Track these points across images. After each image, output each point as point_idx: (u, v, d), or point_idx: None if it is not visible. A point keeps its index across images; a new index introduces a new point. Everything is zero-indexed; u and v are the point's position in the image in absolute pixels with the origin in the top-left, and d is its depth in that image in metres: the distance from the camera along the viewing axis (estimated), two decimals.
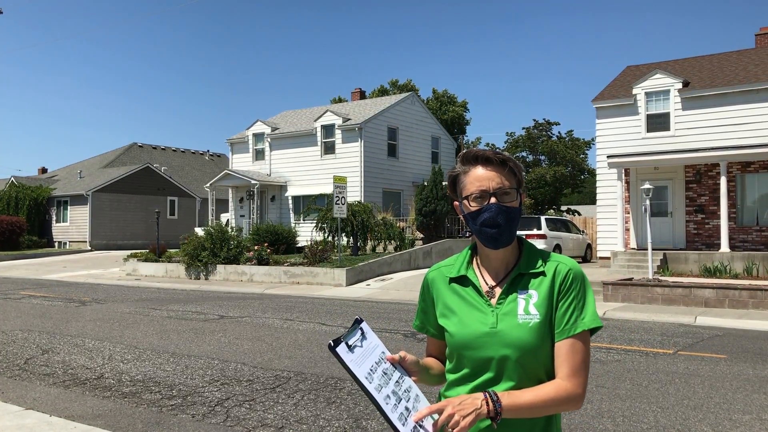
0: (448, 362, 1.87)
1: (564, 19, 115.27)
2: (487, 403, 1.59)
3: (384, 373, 1.66)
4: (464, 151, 1.82)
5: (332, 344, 1.60)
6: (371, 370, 1.63)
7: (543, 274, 1.78)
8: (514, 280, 1.78)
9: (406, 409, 1.63)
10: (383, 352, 1.71)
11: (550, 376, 1.74)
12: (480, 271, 1.85)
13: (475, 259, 1.88)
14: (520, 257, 1.82)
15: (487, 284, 1.81)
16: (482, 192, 1.74)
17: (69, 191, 39.90)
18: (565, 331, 1.73)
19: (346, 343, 1.63)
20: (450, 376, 1.86)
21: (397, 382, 1.68)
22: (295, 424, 5.53)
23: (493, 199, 1.73)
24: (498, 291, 1.79)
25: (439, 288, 1.88)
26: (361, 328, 1.70)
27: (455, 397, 1.62)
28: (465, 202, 1.79)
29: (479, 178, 1.76)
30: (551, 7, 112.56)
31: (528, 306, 1.74)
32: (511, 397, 1.64)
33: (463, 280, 1.84)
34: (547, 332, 1.74)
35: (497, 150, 1.81)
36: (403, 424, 1.58)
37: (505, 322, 1.73)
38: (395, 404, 1.61)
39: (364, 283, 19.08)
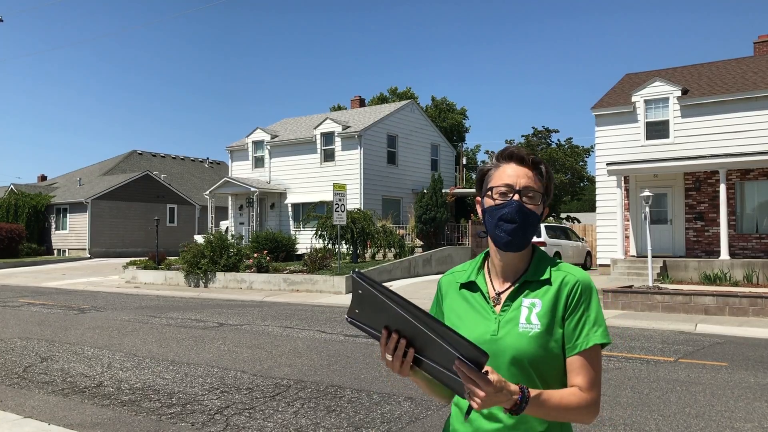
0: None
1: (563, 25, 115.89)
2: (517, 402, 1.48)
3: None
4: (502, 148, 1.81)
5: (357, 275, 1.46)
6: None
7: (548, 282, 1.74)
8: (520, 288, 1.75)
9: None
10: None
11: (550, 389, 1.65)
12: (490, 277, 1.82)
13: (486, 264, 1.85)
14: (530, 265, 1.79)
15: (494, 290, 1.78)
16: (508, 186, 1.72)
17: (68, 199, 39.90)
18: (576, 346, 1.69)
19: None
20: None
21: None
22: None
23: (516, 196, 1.71)
24: (504, 298, 1.76)
25: (450, 293, 1.86)
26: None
27: (499, 380, 1.44)
28: (488, 195, 1.76)
29: (509, 174, 1.74)
30: (550, 14, 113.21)
31: (531, 315, 1.69)
32: (540, 397, 1.54)
33: (472, 286, 1.81)
34: (549, 343, 1.68)
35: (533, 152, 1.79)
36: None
37: (506, 330, 1.69)
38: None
39: None
